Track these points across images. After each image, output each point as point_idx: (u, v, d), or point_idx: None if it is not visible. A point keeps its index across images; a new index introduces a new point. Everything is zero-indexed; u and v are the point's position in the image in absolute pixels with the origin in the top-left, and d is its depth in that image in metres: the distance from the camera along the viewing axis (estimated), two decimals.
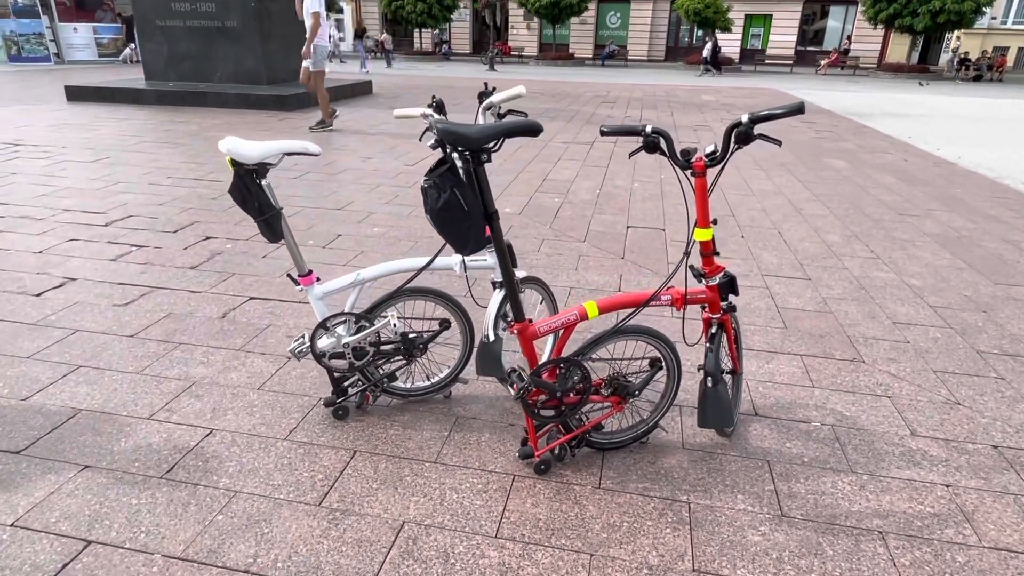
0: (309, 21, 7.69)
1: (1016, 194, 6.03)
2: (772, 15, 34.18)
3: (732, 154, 1.82)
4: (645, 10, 35.55)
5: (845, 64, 29.33)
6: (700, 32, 34.42)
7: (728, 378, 2.34)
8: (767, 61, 30.83)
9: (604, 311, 1.92)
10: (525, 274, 2.39)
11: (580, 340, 2.72)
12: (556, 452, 2.08)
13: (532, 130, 1.65)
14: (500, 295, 2.30)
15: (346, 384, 2.33)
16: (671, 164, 1.79)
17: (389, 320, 2.18)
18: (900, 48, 31.15)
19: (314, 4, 7.67)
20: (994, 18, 29.41)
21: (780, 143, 1.73)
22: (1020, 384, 2.65)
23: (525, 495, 1.96)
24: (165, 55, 10.95)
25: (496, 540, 1.78)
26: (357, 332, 2.19)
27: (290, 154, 1.97)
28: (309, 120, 9.23)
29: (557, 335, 2.52)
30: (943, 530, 1.85)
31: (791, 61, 30.56)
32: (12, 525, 1.78)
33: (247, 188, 1.95)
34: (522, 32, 37.59)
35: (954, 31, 28.15)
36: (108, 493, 1.92)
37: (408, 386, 2.41)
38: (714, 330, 2.03)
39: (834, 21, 34.30)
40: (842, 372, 2.72)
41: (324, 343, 2.17)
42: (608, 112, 11.33)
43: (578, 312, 1.92)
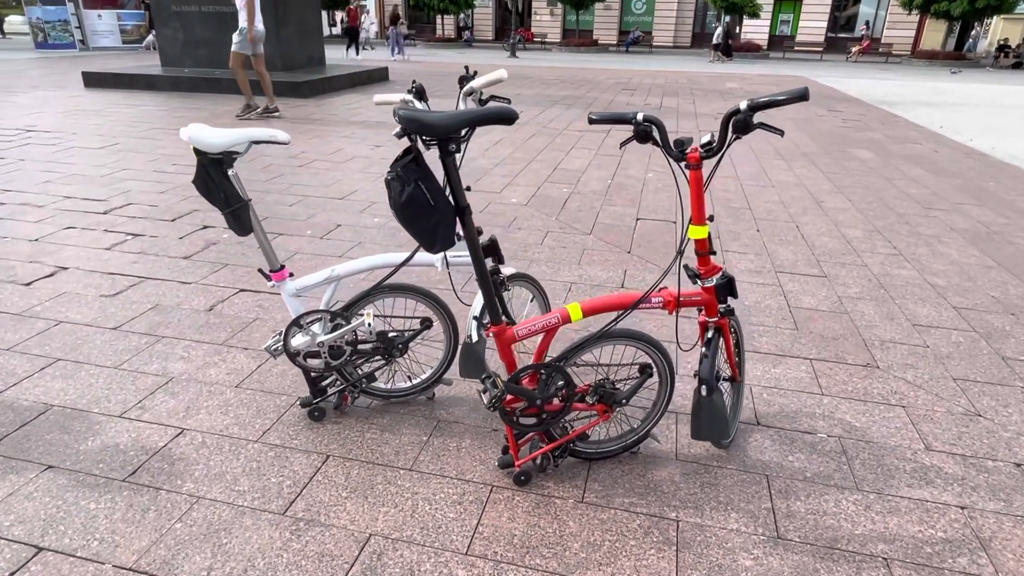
0: (243, 2, 7.39)
1: None
2: (802, 0, 33.26)
3: (730, 144, 1.66)
4: None
5: (877, 51, 28.47)
6: (726, 17, 33.69)
7: (727, 386, 2.19)
8: (796, 48, 30.02)
9: (589, 314, 1.79)
10: (513, 271, 2.26)
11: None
12: (538, 462, 1.96)
13: (506, 118, 1.51)
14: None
15: (324, 384, 2.23)
16: (664, 155, 1.63)
17: (365, 319, 2.06)
18: (935, 35, 30.14)
19: None
20: None
21: (782, 133, 1.57)
22: None
23: (502, 508, 1.84)
24: (181, 41, 10.93)
25: (466, 558, 1.67)
26: (333, 330, 2.08)
27: (257, 142, 1.86)
28: (323, 107, 9.15)
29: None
30: (955, 558, 1.69)
31: (821, 48, 29.73)
32: None
33: (211, 178, 1.84)
34: (545, 18, 37.13)
35: (993, 16, 27.11)
36: (67, 496, 1.84)
37: (389, 387, 2.30)
38: (710, 335, 1.88)
39: (867, 7, 33.30)
40: (854, 378, 2.54)
41: (298, 341, 2.07)
42: (628, 99, 11.08)
43: (560, 315, 1.78)
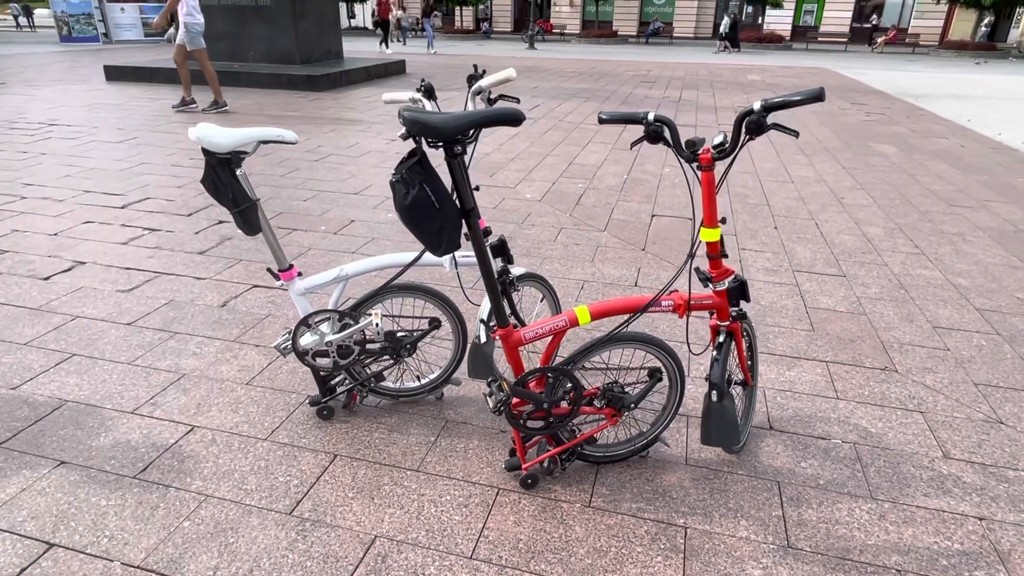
0: None
1: None
2: None
3: (743, 146, 1.62)
4: None
5: (904, 41, 27.86)
6: (749, 8, 33.15)
7: (738, 390, 2.16)
8: (820, 39, 29.49)
9: (597, 317, 1.76)
10: (523, 271, 2.24)
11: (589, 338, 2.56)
12: (545, 465, 1.94)
13: (512, 119, 1.49)
14: None
15: (333, 383, 2.23)
16: (676, 156, 1.59)
17: (372, 319, 2.06)
18: (964, 25, 29.41)
19: None
20: None
21: (797, 134, 1.52)
22: None
23: (508, 511, 1.83)
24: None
25: (471, 562, 1.66)
26: (341, 330, 2.08)
27: (265, 142, 1.85)
28: (340, 100, 9.17)
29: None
30: (972, 572, 1.65)
31: (846, 39, 29.17)
32: None
33: (219, 178, 1.84)
34: (564, 9, 36.85)
35: None
36: (78, 492, 1.86)
37: (397, 386, 2.30)
38: (722, 339, 1.85)
39: None
40: (871, 382, 2.49)
41: (307, 341, 2.07)
42: (646, 92, 10.96)
43: (568, 318, 1.76)
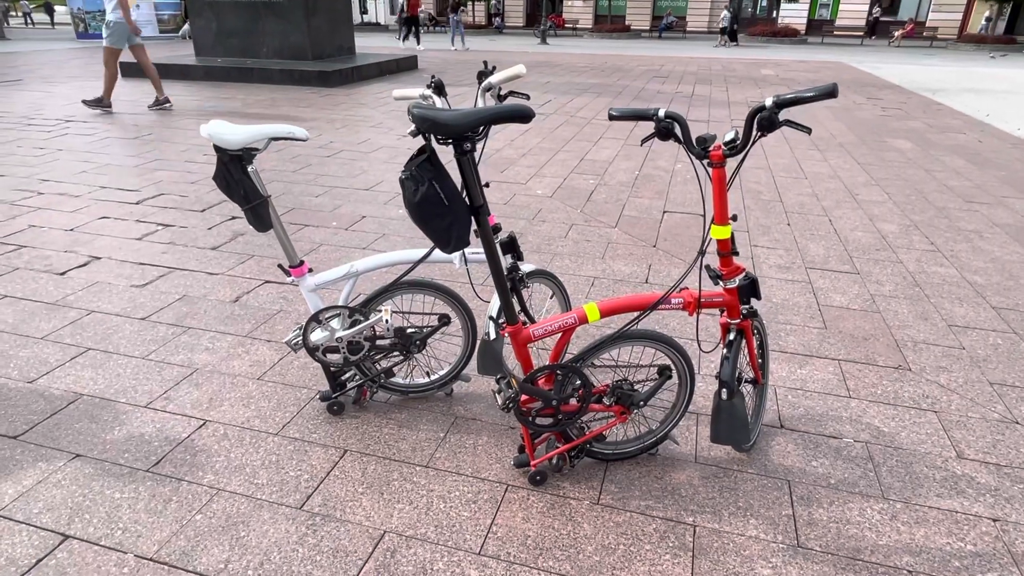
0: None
1: None
2: None
3: (754, 142, 1.61)
4: None
5: (921, 35, 27.47)
6: (764, 2, 32.84)
7: (749, 388, 2.15)
8: (836, 32, 29.13)
9: (607, 314, 1.76)
10: (533, 267, 2.24)
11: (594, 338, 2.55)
12: (554, 462, 1.94)
13: (522, 116, 1.49)
14: None
15: (343, 378, 2.24)
16: (687, 153, 1.59)
17: (382, 315, 2.07)
18: (983, 18, 28.93)
19: None
20: None
21: (809, 131, 1.51)
22: None
23: (516, 508, 1.83)
24: (214, 31, 11.08)
25: (479, 558, 1.66)
26: (352, 326, 2.09)
27: (276, 139, 1.86)
28: (352, 95, 9.19)
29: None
30: (985, 574, 1.63)
31: (862, 32, 28.80)
32: None
33: (231, 175, 1.86)
34: (577, 4, 36.68)
35: None
36: (93, 485, 1.89)
37: (407, 382, 2.31)
38: (732, 337, 1.84)
39: None
40: (884, 381, 2.47)
41: (317, 336, 2.08)
42: (659, 87, 10.90)
43: (577, 315, 1.75)
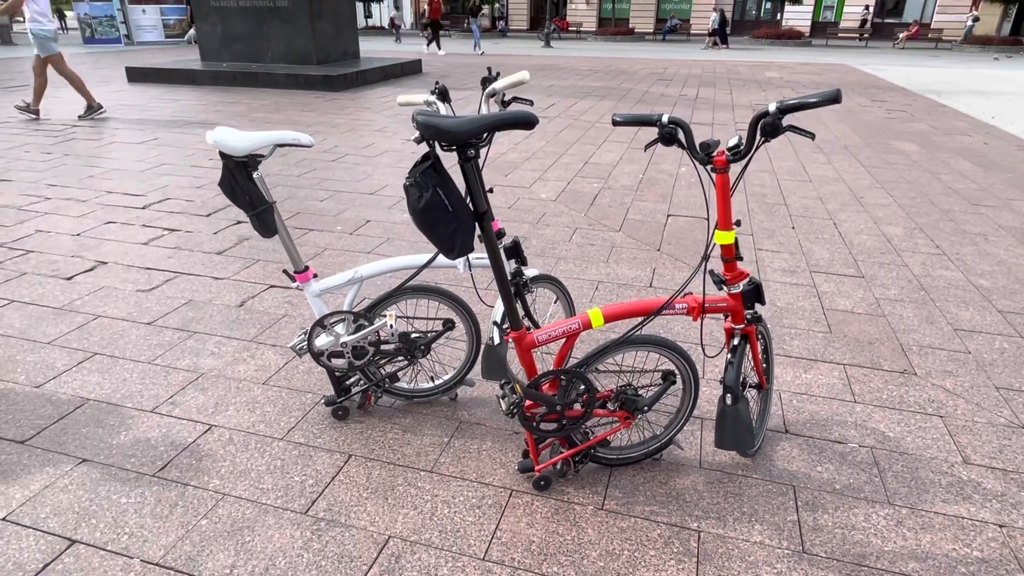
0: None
1: None
2: None
3: (758, 148, 1.61)
4: None
5: (926, 37, 27.37)
6: (768, 4, 32.83)
7: (753, 393, 2.14)
8: (840, 35, 29.09)
9: (610, 320, 1.76)
10: (537, 272, 2.24)
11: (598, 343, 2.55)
12: (558, 467, 1.94)
13: (525, 122, 1.49)
14: None
15: (348, 383, 2.25)
16: (690, 158, 1.59)
17: (387, 320, 2.07)
18: (989, 19, 28.86)
19: None
20: None
21: (813, 136, 1.51)
22: None
23: (521, 513, 1.83)
24: (219, 36, 11.14)
25: (483, 563, 1.67)
26: (356, 331, 2.09)
27: (281, 145, 1.87)
28: (356, 100, 9.22)
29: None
30: None
31: (867, 34, 28.74)
32: (3, 519, 1.78)
33: (236, 181, 1.87)
34: (580, 7, 36.72)
35: None
36: (100, 489, 1.90)
37: (411, 387, 2.31)
38: (736, 342, 1.84)
39: None
40: (889, 385, 2.46)
41: (322, 342, 2.09)
42: (663, 90, 10.90)
43: (581, 320, 1.76)
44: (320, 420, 2.23)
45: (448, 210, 1.52)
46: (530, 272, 2.21)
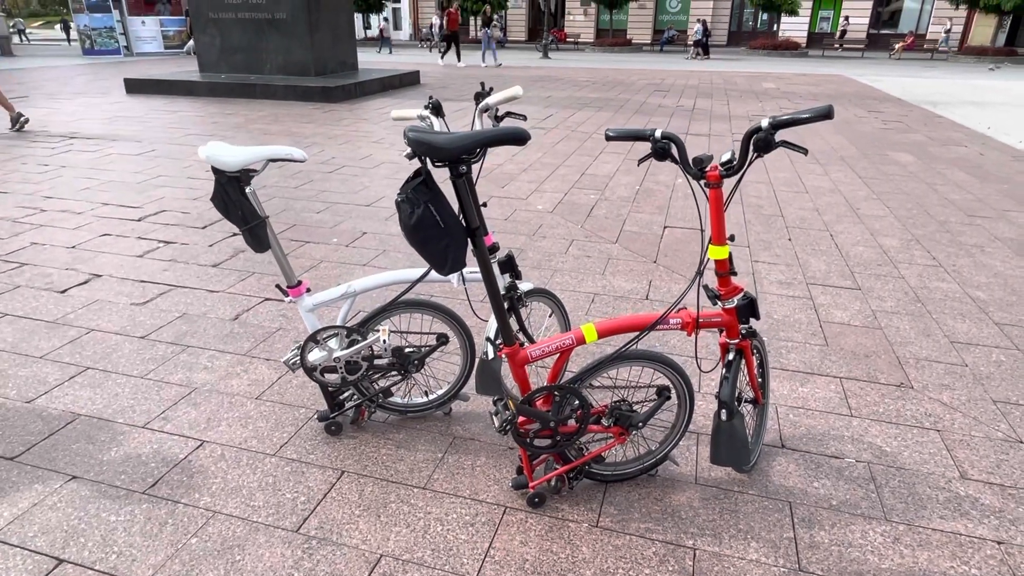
0: None
1: None
2: None
3: (751, 163, 1.61)
4: None
5: (922, 47, 27.55)
6: (765, 16, 33.05)
7: (749, 408, 2.13)
8: (836, 45, 29.26)
9: (604, 335, 1.75)
10: (532, 286, 2.24)
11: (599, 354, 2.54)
12: (552, 484, 1.93)
13: (517, 138, 1.49)
14: None
15: (341, 398, 2.24)
16: (683, 173, 1.59)
17: (380, 335, 2.06)
18: (984, 30, 29.07)
19: None
20: None
21: (806, 151, 1.51)
22: None
23: (514, 531, 1.81)
24: (218, 47, 11.19)
25: None
26: (349, 346, 2.08)
27: (274, 160, 1.87)
28: (354, 111, 9.25)
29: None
30: None
31: (863, 45, 28.93)
32: None
33: (229, 196, 1.86)
34: (578, 18, 36.95)
35: None
36: (89, 507, 1.87)
37: (405, 402, 2.30)
38: (731, 357, 1.83)
39: (911, 2, 32.29)
40: (886, 399, 2.45)
41: (315, 357, 2.08)
42: (660, 101, 10.94)
43: (575, 336, 1.75)
44: (313, 435, 2.21)
45: (440, 226, 1.51)
46: (524, 286, 2.20)
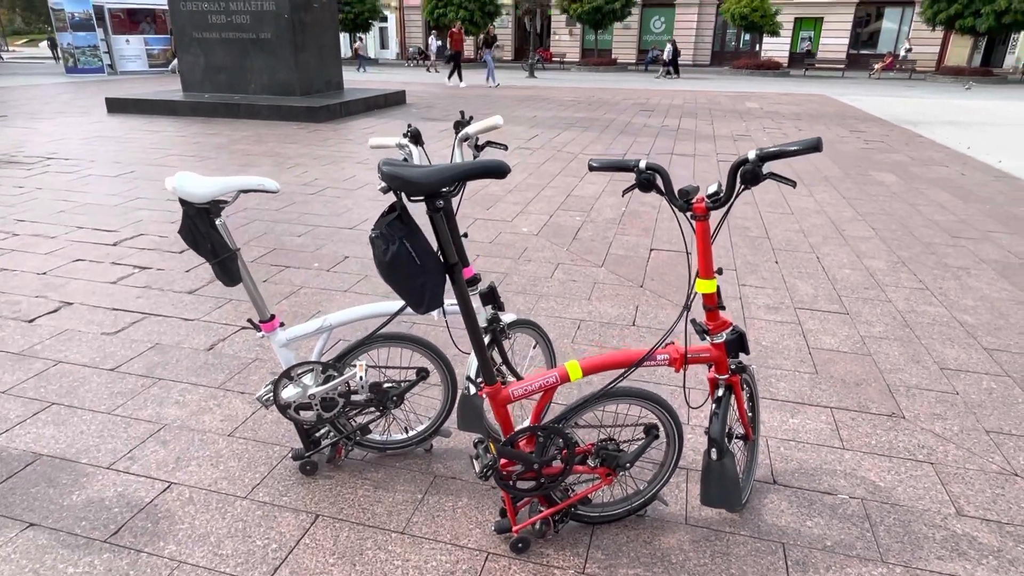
0: None
1: None
2: (823, 18, 33.06)
3: (738, 195, 1.56)
4: (691, 14, 34.86)
5: (900, 68, 28.07)
6: (747, 36, 33.58)
7: (739, 444, 2.07)
8: (817, 65, 29.73)
9: (589, 372, 1.68)
10: (514, 317, 2.17)
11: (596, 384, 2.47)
12: (537, 527, 1.85)
13: (496, 172, 1.43)
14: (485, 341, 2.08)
15: (318, 435, 2.14)
16: (669, 205, 1.54)
17: (357, 371, 1.98)
18: (961, 50, 29.68)
19: None
20: None
21: (794, 184, 1.46)
22: None
23: None
24: (202, 67, 11.12)
25: None
26: (325, 382, 2.00)
27: (245, 191, 1.79)
28: (339, 131, 9.19)
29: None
30: None
31: (843, 65, 29.41)
32: None
33: (198, 228, 1.78)
34: (564, 38, 37.33)
35: (1021, 32, 26.62)
36: (45, 558, 1.77)
37: (384, 438, 2.21)
38: (720, 393, 1.76)
39: (889, 23, 32.96)
40: (878, 430, 2.39)
41: (289, 394, 1.99)
42: (645, 121, 11.00)
43: (559, 373, 1.68)
44: (287, 475, 2.12)
45: (416, 263, 1.44)
46: (507, 318, 2.13)
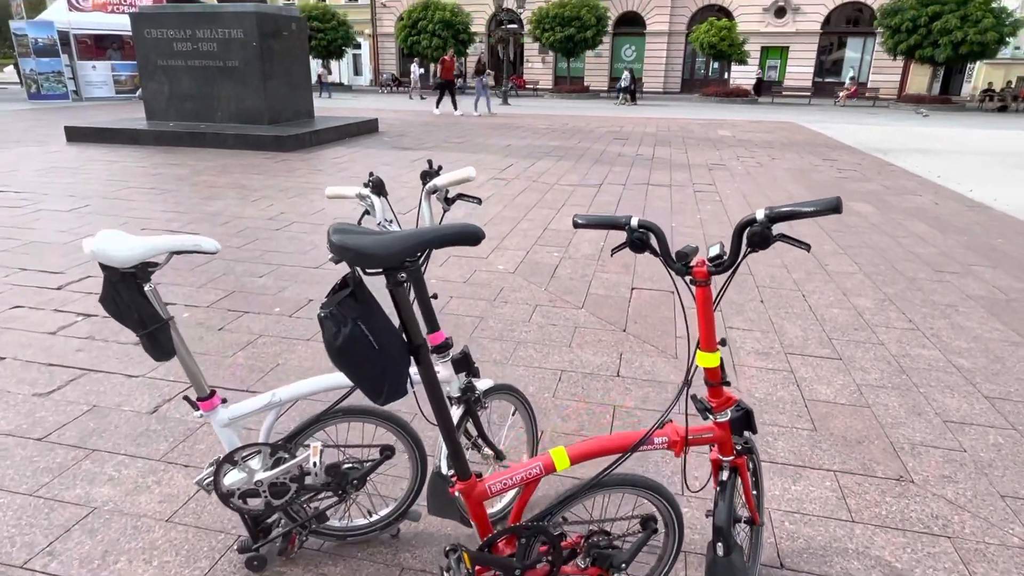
0: None
1: None
2: (789, 47, 33.94)
3: (744, 259, 1.37)
4: (660, 43, 35.52)
5: (864, 95, 28.85)
6: (716, 64, 34.26)
7: (745, 528, 1.85)
8: (784, 93, 30.42)
9: (577, 460, 1.46)
10: (491, 383, 1.95)
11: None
12: None
13: (469, 238, 1.22)
14: (458, 414, 1.85)
15: (269, 522, 1.88)
16: (665, 269, 1.34)
17: (310, 453, 1.73)
18: (921, 79, 30.62)
19: None
20: (1018, 48, 28.76)
21: (809, 247, 1.28)
22: None
23: None
24: (167, 95, 10.81)
25: None
26: (274, 465, 1.75)
27: (179, 253, 1.55)
28: (308, 161, 8.95)
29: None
30: None
31: (809, 92, 30.14)
32: None
33: (121, 296, 1.53)
34: (537, 66, 37.71)
35: (976, 62, 27.57)
36: None
37: (344, 524, 1.95)
38: (725, 476, 1.56)
39: (852, 52, 33.95)
40: (887, 497, 2.21)
41: (232, 480, 1.73)
42: (620, 150, 10.95)
43: (543, 464, 1.45)
44: (232, 571, 1.84)
45: (373, 348, 1.22)
46: (483, 384, 1.91)
